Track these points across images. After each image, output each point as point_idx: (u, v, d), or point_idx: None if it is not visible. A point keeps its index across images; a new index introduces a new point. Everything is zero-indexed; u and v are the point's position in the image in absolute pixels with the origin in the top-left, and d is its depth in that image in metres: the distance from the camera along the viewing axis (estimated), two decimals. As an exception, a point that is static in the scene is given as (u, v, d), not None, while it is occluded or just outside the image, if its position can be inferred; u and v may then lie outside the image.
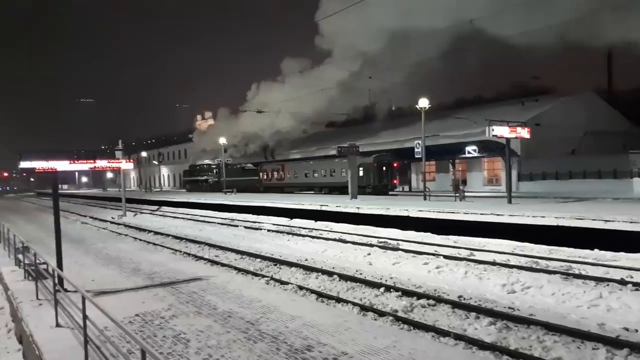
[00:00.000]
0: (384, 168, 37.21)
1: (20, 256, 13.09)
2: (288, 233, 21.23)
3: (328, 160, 43.32)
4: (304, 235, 20.11)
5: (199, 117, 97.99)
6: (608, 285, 10.24)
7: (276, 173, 48.51)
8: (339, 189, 38.01)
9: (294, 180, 45.87)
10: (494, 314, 9.01)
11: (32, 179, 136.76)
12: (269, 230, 22.48)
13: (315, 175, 42.90)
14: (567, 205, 19.95)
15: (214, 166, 59.07)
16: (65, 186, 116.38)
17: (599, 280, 10.66)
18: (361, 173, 36.24)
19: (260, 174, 51.70)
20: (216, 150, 62.05)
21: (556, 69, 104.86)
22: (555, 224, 15.57)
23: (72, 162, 10.53)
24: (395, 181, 39.12)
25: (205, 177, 58.55)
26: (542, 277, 11.12)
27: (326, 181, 41.30)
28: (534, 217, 16.33)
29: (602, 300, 9.35)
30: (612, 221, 14.35)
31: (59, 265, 10.36)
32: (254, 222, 26.95)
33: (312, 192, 42.82)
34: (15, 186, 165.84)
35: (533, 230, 15.93)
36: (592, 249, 14.05)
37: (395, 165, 38.58)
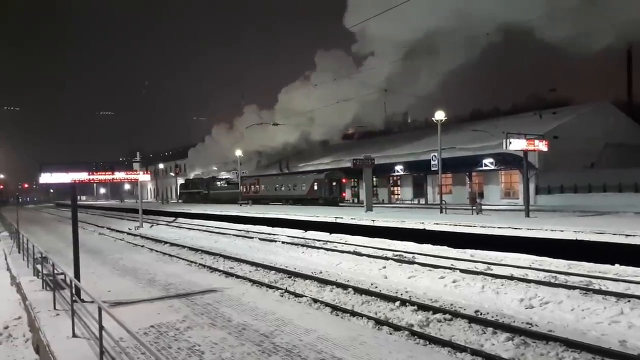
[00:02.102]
0: (334, 183, 43.22)
1: (38, 266, 13.28)
2: (302, 245, 21.19)
3: (291, 176, 51.19)
4: (318, 248, 20.05)
5: (215, 128, 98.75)
6: (629, 301, 10.00)
7: (253, 187, 53.67)
8: (299, 200, 44.58)
9: (266, 192, 50.98)
10: (512, 330, 8.85)
11: (51, 190, 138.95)
12: (283, 242, 22.46)
13: (283, 188, 48.49)
14: (587, 219, 19.62)
15: (204, 180, 66.40)
16: (83, 197, 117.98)
17: (620, 296, 10.42)
18: (315, 187, 43.26)
19: (241, 187, 55.94)
20: (220, 162, 68.50)
21: (573, 81, 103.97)
22: (574, 238, 15.30)
23: (90, 173, 10.69)
24: (343, 194, 45.30)
25: (198, 190, 64.63)
26: (561, 292, 10.91)
27: (290, 194, 47.07)
28: (552, 230, 16.08)
29: (623, 317, 9.13)
30: (634, 236, 14.04)
31: (77, 275, 10.48)
32: (269, 234, 26.97)
33: (280, 202, 47.57)
34: (35, 197, 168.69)
35: (551, 245, 15.66)
36: (612, 264, 13.74)
37: (344, 181, 44.98)
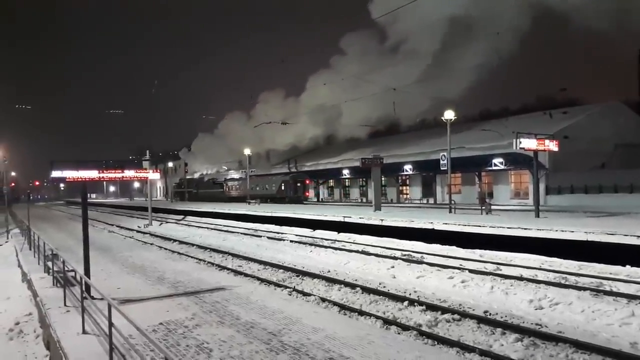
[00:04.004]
0: (298, 184, 49.11)
1: (49, 263, 13.39)
2: (311, 244, 21.20)
3: (264, 177, 57.14)
4: (326, 247, 20.05)
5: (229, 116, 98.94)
6: (641, 303, 9.90)
7: (234, 187, 58.44)
8: (271, 199, 49.66)
9: (245, 192, 53.73)
10: (521, 330, 8.80)
11: (62, 188, 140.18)
12: (291, 241, 22.48)
13: (258, 188, 53.00)
14: (597, 220, 19.43)
15: (195, 180, 75.74)
16: (93, 195, 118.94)
17: (631, 297, 10.31)
18: (283, 187, 48.78)
19: (225, 187, 61.10)
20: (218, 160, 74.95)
21: (584, 80, 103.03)
22: (585, 238, 15.16)
23: (101, 171, 10.77)
24: (307, 194, 51.26)
25: (189, 189, 71.55)
26: (571, 293, 10.82)
27: (263, 193, 51.81)
28: (562, 231, 15.94)
29: (634, 319, 9.03)
30: (645, 237, 13.90)
31: (87, 272, 10.56)
32: (277, 232, 27.01)
33: (256, 200, 51.01)
34: (46, 195, 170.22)
35: (561, 245, 15.53)
36: (623, 265, 13.60)
37: (307, 182, 50.97)
